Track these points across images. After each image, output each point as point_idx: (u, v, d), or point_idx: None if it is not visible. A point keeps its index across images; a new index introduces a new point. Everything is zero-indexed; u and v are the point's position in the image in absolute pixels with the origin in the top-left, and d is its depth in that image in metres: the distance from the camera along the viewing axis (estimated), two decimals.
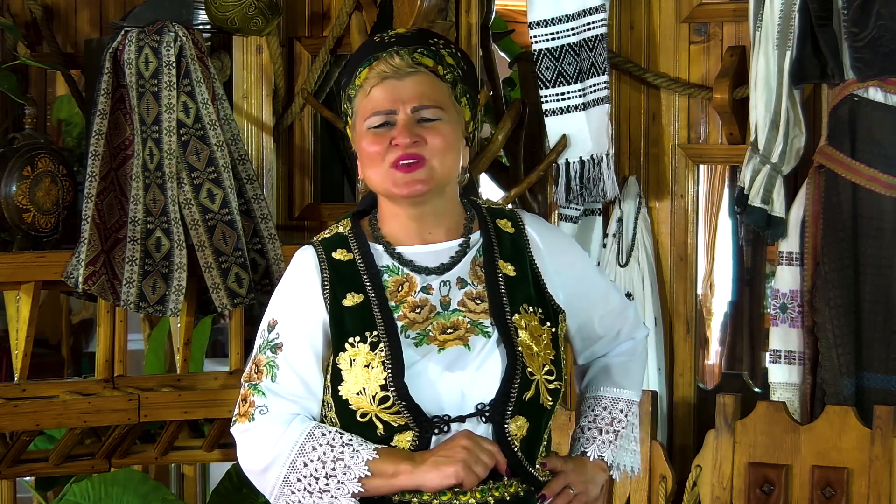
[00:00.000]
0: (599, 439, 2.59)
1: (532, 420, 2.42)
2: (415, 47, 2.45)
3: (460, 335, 2.41)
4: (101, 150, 3.77)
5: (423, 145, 2.41)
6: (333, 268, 2.45)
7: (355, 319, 2.41)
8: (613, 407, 2.62)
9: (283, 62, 4.40)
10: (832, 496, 3.75)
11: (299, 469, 2.37)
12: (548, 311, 2.49)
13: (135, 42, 3.80)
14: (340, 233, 2.51)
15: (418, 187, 2.41)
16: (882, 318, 3.81)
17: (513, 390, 2.38)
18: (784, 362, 3.97)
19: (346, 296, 2.43)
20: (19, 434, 3.78)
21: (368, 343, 2.39)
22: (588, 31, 4.14)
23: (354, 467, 2.35)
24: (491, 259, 2.49)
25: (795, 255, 3.96)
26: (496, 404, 2.38)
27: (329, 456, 2.36)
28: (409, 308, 2.43)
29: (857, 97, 3.80)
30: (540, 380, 2.41)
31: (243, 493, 4.09)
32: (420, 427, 2.36)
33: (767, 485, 3.84)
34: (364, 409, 2.37)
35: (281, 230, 4.27)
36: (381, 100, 2.42)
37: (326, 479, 2.35)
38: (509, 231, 2.54)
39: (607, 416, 2.62)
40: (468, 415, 2.37)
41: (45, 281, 3.78)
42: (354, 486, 2.35)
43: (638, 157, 4.33)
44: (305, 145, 4.48)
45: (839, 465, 3.76)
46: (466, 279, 2.46)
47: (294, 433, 2.39)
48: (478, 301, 2.44)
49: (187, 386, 3.92)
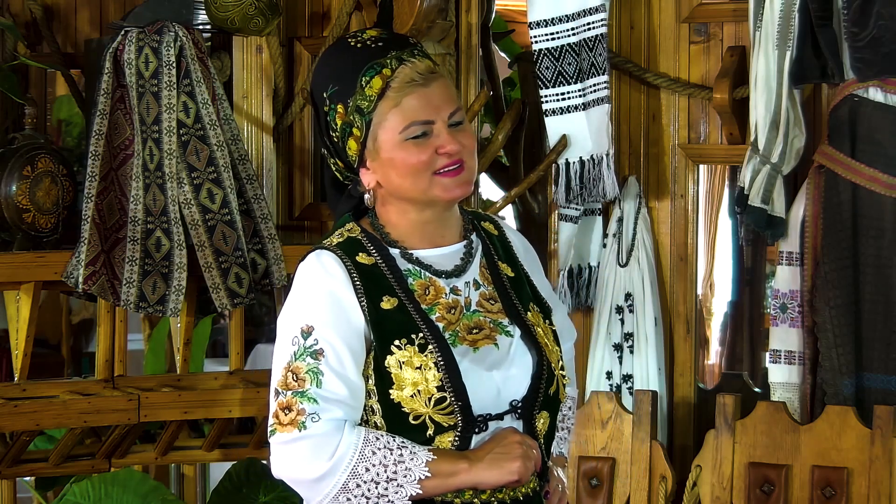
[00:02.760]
0: (557, 436, 2.61)
1: (552, 414, 2.49)
2: (409, 50, 2.44)
3: (487, 334, 2.44)
4: (101, 150, 3.77)
5: (463, 150, 2.43)
6: (361, 272, 2.42)
7: (396, 323, 2.40)
8: (563, 405, 2.63)
9: (283, 62, 4.40)
10: (832, 496, 3.75)
11: (360, 475, 2.34)
12: (545, 310, 2.56)
13: (135, 42, 3.80)
14: (353, 237, 2.48)
15: (463, 190, 2.44)
16: (882, 318, 3.81)
17: (541, 386, 2.44)
18: (784, 362, 3.97)
19: (382, 299, 2.41)
20: (19, 434, 3.78)
21: (416, 345, 2.38)
22: (588, 31, 4.14)
23: (415, 469, 2.34)
24: (493, 261, 2.53)
25: (795, 255, 3.96)
26: (527, 401, 2.42)
27: (389, 459, 2.34)
28: (445, 309, 2.44)
29: (857, 97, 3.80)
30: (558, 374, 2.48)
31: (243, 493, 4.09)
32: (465, 426, 2.37)
33: (767, 485, 3.84)
34: (418, 412, 2.36)
35: (281, 230, 4.27)
36: (416, 109, 2.40)
37: (387, 482, 2.34)
38: (494, 233, 2.59)
39: (559, 415, 2.63)
40: (504, 412, 2.40)
41: (45, 281, 3.78)
42: (413, 489, 2.34)
43: (638, 157, 4.33)
44: (305, 145, 4.48)
45: (839, 465, 3.75)
46: (479, 280, 2.49)
47: (352, 438, 2.35)
48: (492, 301, 2.48)
49: (187, 386, 3.92)
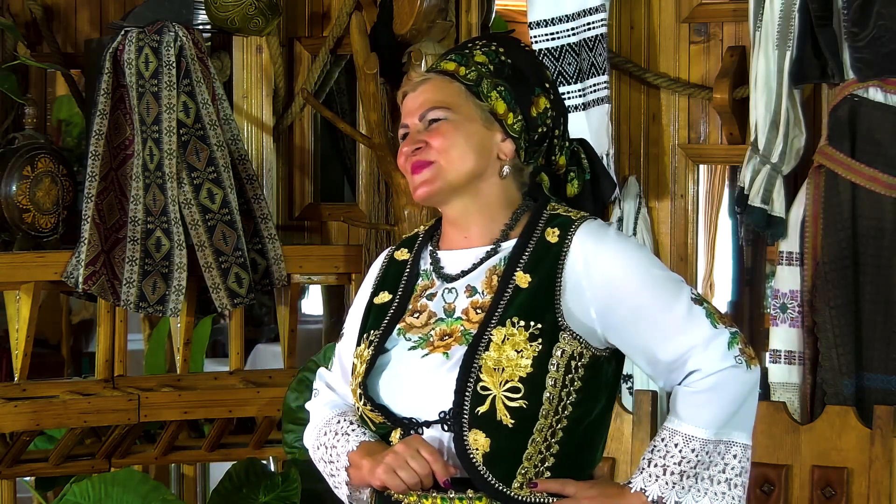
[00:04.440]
0: (647, 471, 2.39)
1: (492, 436, 2.33)
2: (448, 54, 2.49)
3: (446, 344, 2.38)
4: (101, 150, 3.77)
5: (427, 149, 2.41)
6: (390, 266, 2.53)
7: (373, 318, 2.47)
8: (669, 440, 2.39)
9: (283, 62, 4.40)
10: (832, 496, 3.75)
11: (315, 451, 2.51)
12: (547, 328, 2.35)
13: (135, 42, 3.80)
14: (418, 232, 2.56)
15: (425, 188, 2.41)
16: (882, 318, 3.81)
17: (465, 403, 2.32)
18: (784, 362, 3.96)
19: (380, 293, 2.49)
20: (19, 434, 3.78)
21: (368, 342, 2.43)
22: (588, 31, 4.14)
23: (343, 456, 2.43)
24: (511, 269, 2.39)
25: (795, 255, 3.96)
26: (454, 415, 2.33)
27: (330, 443, 2.46)
28: (410, 313, 2.44)
29: (857, 97, 3.80)
30: (498, 395, 2.32)
31: (243, 493, 4.09)
32: (401, 428, 2.38)
33: (767, 485, 3.84)
34: (358, 405, 2.44)
35: (281, 230, 4.27)
36: (403, 115, 2.48)
37: (329, 464, 2.47)
38: (551, 241, 2.40)
39: (662, 449, 2.39)
40: (433, 421, 2.36)
41: (45, 281, 3.79)
42: (344, 476, 2.44)
43: (638, 157, 4.33)
44: (305, 145, 4.48)
45: (839, 465, 3.75)
46: (477, 287, 2.41)
47: (319, 418, 2.52)
48: (479, 311, 2.38)
49: (187, 386, 3.92)
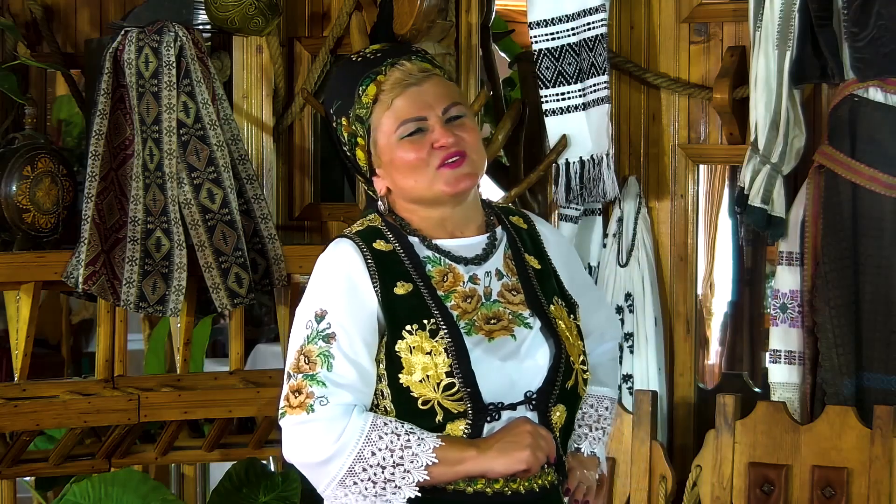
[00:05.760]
0: (590, 436, 2.65)
1: (570, 408, 2.48)
2: (408, 56, 2.49)
3: (504, 325, 2.45)
4: (101, 150, 3.77)
5: (461, 142, 2.45)
6: (376, 258, 2.45)
7: (408, 308, 2.42)
8: (599, 405, 2.68)
9: (283, 62, 4.40)
10: (832, 496, 3.75)
11: (366, 458, 2.34)
12: (570, 305, 2.55)
13: (135, 42, 3.80)
14: (373, 226, 2.51)
15: (468, 182, 2.45)
16: (882, 318, 3.81)
17: (558, 379, 2.44)
18: (784, 362, 3.97)
19: (396, 284, 2.43)
20: (19, 434, 3.78)
21: (427, 330, 2.39)
22: (588, 31, 4.14)
23: (422, 455, 2.34)
24: (519, 252, 2.54)
25: (795, 255, 3.96)
26: (542, 392, 2.42)
27: (396, 444, 2.35)
28: (461, 298, 2.45)
29: (857, 97, 3.80)
30: (578, 369, 2.47)
31: (243, 493, 4.09)
32: (476, 414, 2.38)
33: (767, 485, 3.84)
34: (427, 397, 2.37)
35: (281, 230, 4.27)
36: (407, 108, 2.45)
37: (393, 467, 2.35)
38: (523, 227, 2.59)
39: (594, 414, 2.68)
40: (518, 402, 2.41)
41: (45, 281, 3.79)
42: (420, 475, 2.34)
43: (638, 157, 4.33)
44: (305, 145, 4.48)
45: (839, 465, 3.75)
46: (502, 271, 2.50)
47: (359, 423, 2.36)
48: (514, 293, 2.49)
49: (187, 386, 3.92)
